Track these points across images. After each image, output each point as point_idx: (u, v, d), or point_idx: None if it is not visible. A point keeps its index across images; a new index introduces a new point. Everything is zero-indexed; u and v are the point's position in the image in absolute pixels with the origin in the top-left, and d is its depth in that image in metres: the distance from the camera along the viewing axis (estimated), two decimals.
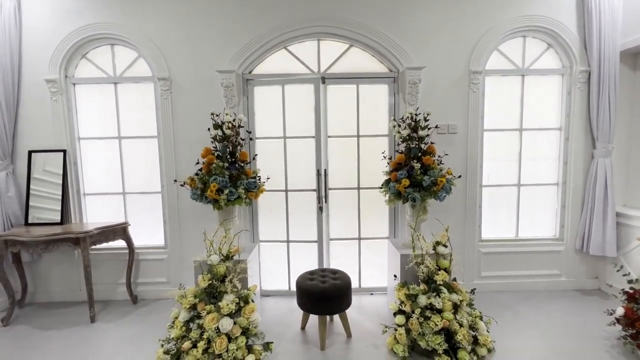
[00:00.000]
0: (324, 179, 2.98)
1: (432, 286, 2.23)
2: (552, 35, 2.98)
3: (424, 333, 2.09)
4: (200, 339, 2.00)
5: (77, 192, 3.07)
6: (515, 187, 3.16)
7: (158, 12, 2.92)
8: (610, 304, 2.78)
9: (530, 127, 3.11)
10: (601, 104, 2.87)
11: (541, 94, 3.09)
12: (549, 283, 3.13)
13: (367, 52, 2.99)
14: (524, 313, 2.74)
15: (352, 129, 3.04)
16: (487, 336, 2.14)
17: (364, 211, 3.13)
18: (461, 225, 3.08)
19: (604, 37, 2.82)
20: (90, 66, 3.04)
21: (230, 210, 2.51)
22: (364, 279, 3.20)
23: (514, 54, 3.05)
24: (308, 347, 2.32)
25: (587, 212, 3.01)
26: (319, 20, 2.90)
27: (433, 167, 2.46)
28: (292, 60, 3.02)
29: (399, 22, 2.93)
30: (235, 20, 2.92)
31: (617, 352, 2.18)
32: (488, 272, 3.14)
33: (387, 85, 3.02)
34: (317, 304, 2.29)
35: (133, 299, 3.06)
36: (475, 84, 2.97)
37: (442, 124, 2.98)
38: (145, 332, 2.55)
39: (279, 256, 3.13)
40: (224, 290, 2.19)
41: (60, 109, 2.96)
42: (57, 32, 2.91)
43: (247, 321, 2.12)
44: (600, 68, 2.86)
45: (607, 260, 2.99)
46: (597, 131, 2.93)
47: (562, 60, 3.04)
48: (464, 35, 2.95)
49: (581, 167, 3.06)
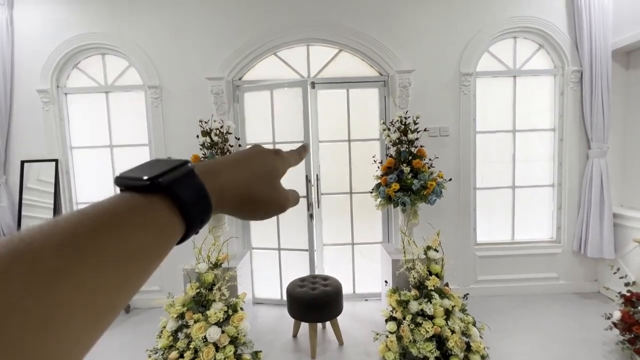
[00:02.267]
0: (315, 184, 2.96)
1: (424, 292, 2.19)
2: (542, 36, 2.96)
3: (415, 340, 2.05)
4: (187, 348, 1.98)
5: (70, 201, 3.07)
6: (509, 189, 3.13)
7: (148, 21, 2.93)
8: (609, 308, 2.72)
9: (523, 128, 3.08)
10: (594, 103, 2.84)
11: (533, 95, 3.07)
12: (546, 286, 3.07)
13: (357, 56, 2.99)
14: (520, 317, 2.69)
15: (344, 134, 3.03)
16: (480, 342, 2.09)
17: (357, 216, 3.10)
18: (455, 229, 3.05)
19: (595, 37, 2.80)
20: (81, 76, 3.06)
21: (219, 217, 2.49)
22: (359, 284, 3.16)
23: (505, 55, 3.03)
24: (299, 355, 2.29)
25: (583, 213, 2.97)
26: (308, 25, 2.91)
27: (423, 171, 2.44)
28: (282, 65, 3.02)
29: (388, 26, 2.93)
30: (224, 27, 2.93)
31: (615, 357, 2.13)
32: (484, 276, 3.09)
33: (377, 89, 3.01)
34: (307, 311, 2.26)
35: (126, 308, 3.04)
36: (466, 86, 2.95)
37: (434, 126, 2.96)
38: (136, 342, 2.52)
39: (271, 263, 3.10)
40: (212, 299, 2.17)
41: (52, 118, 2.98)
42: (48, 43, 2.94)
43: (235, 330, 2.09)
44: (592, 67, 2.83)
45: (606, 262, 2.94)
46: (592, 131, 2.90)
47: (554, 61, 3.02)
48: (454, 38, 2.94)
49: (576, 167, 3.02)
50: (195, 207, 0.26)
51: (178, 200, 0.25)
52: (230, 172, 0.31)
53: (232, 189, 0.31)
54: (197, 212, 0.26)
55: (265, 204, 0.34)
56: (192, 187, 0.27)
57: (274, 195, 0.34)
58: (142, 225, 0.22)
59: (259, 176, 0.33)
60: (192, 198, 0.26)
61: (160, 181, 0.25)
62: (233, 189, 0.31)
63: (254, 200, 0.33)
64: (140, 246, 0.22)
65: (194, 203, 0.26)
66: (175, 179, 0.25)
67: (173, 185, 0.25)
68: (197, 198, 0.26)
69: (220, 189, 0.29)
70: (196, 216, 0.26)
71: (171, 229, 0.25)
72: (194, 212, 0.26)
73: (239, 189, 0.31)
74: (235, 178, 0.31)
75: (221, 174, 0.30)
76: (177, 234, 0.26)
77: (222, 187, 0.30)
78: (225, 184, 0.30)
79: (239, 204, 0.32)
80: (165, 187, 0.25)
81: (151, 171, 0.25)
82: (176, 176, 0.26)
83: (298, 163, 0.42)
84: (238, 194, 0.31)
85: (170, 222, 0.25)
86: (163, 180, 0.25)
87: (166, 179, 0.25)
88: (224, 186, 0.30)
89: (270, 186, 0.34)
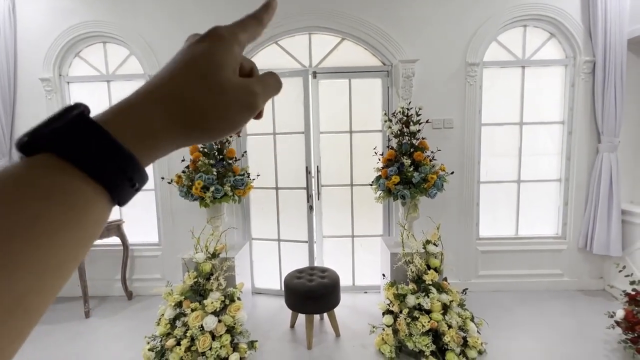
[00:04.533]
0: (315, 176, 2.93)
1: (422, 286, 2.17)
2: (554, 24, 2.83)
3: (412, 334, 2.04)
4: (184, 336, 2.00)
5: None
6: (515, 183, 3.05)
7: (148, 9, 2.90)
8: (614, 306, 2.66)
9: (531, 121, 2.98)
10: (606, 95, 2.73)
11: (542, 86, 2.96)
12: (550, 283, 3.02)
13: (360, 45, 2.92)
14: (521, 314, 2.65)
15: (345, 125, 2.98)
16: (477, 337, 2.07)
17: (357, 208, 3.07)
18: (457, 223, 3.00)
19: (610, 25, 2.67)
20: (83, 64, 3.06)
21: (218, 208, 2.49)
22: (358, 277, 3.15)
23: (514, 45, 2.92)
24: (295, 345, 2.30)
25: (591, 209, 2.88)
26: (309, 13, 2.84)
27: (424, 164, 2.39)
28: (283, 54, 2.97)
29: (392, 14, 2.84)
30: (224, 15, 2.87)
31: (617, 356, 2.09)
32: (486, 271, 3.05)
33: (380, 79, 2.94)
34: (304, 303, 2.26)
35: (128, 294, 3.10)
36: (472, 77, 2.86)
37: (438, 118, 2.88)
38: (137, 328, 2.57)
39: (271, 254, 3.11)
40: (210, 288, 2.18)
41: (55, 107, 2.99)
42: (50, 31, 2.94)
43: (232, 319, 2.11)
44: (606, 57, 2.71)
45: (612, 259, 2.86)
46: (602, 124, 2.79)
47: (565, 51, 2.89)
48: (461, 26, 2.83)
49: (585, 162, 2.92)
50: (101, 161, 0.20)
51: (67, 155, 0.19)
52: (149, 98, 0.24)
53: (160, 114, 0.23)
54: (109, 166, 0.20)
55: (216, 112, 0.25)
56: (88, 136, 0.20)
57: (222, 97, 0.25)
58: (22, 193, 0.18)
59: (190, 81, 0.24)
60: (92, 150, 0.20)
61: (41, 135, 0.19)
62: (161, 114, 0.23)
63: (199, 114, 0.24)
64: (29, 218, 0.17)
65: (96, 156, 0.20)
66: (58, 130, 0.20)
67: (57, 138, 0.20)
68: (99, 148, 0.20)
69: (144, 123, 0.23)
70: (110, 172, 0.21)
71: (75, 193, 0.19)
72: (101, 167, 0.20)
73: (168, 110, 0.23)
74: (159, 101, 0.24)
75: (137, 106, 0.23)
76: (90, 198, 0.20)
77: (144, 119, 0.23)
78: (148, 114, 0.23)
79: (183, 128, 0.24)
80: (46, 143, 0.19)
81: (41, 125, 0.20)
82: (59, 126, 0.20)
83: (258, 32, 0.31)
84: (171, 117, 0.24)
85: (70, 184, 0.19)
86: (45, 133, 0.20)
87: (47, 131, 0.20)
88: (146, 117, 0.23)
89: (213, 85, 0.25)
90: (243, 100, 0.26)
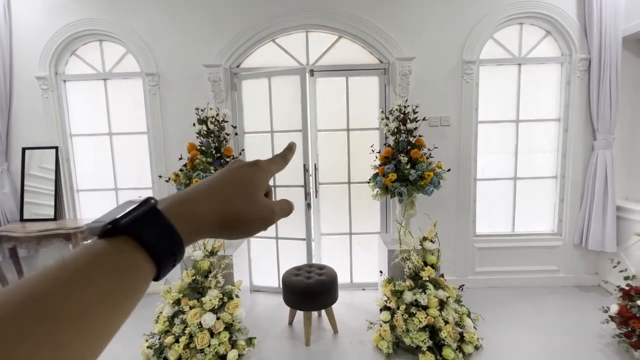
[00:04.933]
0: (313, 174, 2.94)
1: (419, 282, 2.19)
2: (550, 22, 2.85)
3: (409, 330, 2.06)
4: (183, 334, 2.01)
5: (71, 189, 3.10)
6: (511, 180, 3.07)
7: (145, 7, 2.89)
8: (608, 301, 2.69)
9: (527, 118, 3.00)
10: (602, 92, 2.75)
11: (539, 84, 2.98)
12: (546, 279, 3.05)
13: (357, 43, 2.92)
14: (517, 309, 2.67)
15: (342, 123, 2.99)
16: (473, 333, 2.10)
17: (355, 206, 3.09)
18: (454, 220, 3.02)
19: (605, 22, 2.69)
20: (79, 63, 3.05)
21: None
22: (356, 274, 3.17)
23: (510, 42, 2.93)
24: (293, 342, 2.32)
25: (586, 206, 2.91)
26: (306, 11, 2.84)
27: (421, 161, 2.40)
28: (281, 52, 2.97)
29: (389, 12, 2.84)
30: (222, 14, 2.88)
31: (611, 350, 2.12)
32: (483, 267, 3.07)
33: (377, 77, 2.95)
34: (301, 300, 2.28)
35: None
36: (468, 74, 2.87)
37: (435, 116, 2.90)
38: (135, 326, 2.56)
39: (269, 252, 3.12)
40: (208, 286, 2.19)
41: (51, 106, 2.98)
42: (46, 29, 2.92)
43: (230, 317, 2.12)
44: (601, 55, 2.72)
45: (607, 255, 2.89)
46: (598, 122, 2.81)
47: (561, 48, 2.91)
48: (457, 24, 2.84)
49: (581, 159, 2.94)
50: (161, 244, 0.26)
51: (140, 239, 0.25)
52: (204, 198, 0.31)
53: (209, 214, 0.30)
54: (165, 249, 0.26)
55: (247, 222, 0.33)
56: (155, 223, 0.26)
57: (254, 211, 0.33)
58: (101, 271, 0.22)
59: (235, 195, 0.32)
60: (156, 235, 0.26)
61: (122, 223, 0.25)
62: (210, 214, 0.30)
63: (235, 220, 0.32)
64: (101, 294, 0.22)
65: (159, 240, 0.26)
66: (136, 219, 0.26)
67: (133, 225, 0.25)
68: (162, 234, 0.26)
69: (196, 217, 0.29)
70: (164, 253, 0.26)
71: (137, 269, 0.25)
72: (160, 249, 0.26)
73: (216, 212, 0.30)
74: (210, 202, 0.31)
75: (194, 202, 0.30)
76: (145, 274, 0.25)
77: (197, 214, 0.29)
78: (201, 211, 0.30)
79: (220, 227, 0.31)
80: (125, 228, 0.25)
81: (117, 213, 0.26)
82: (136, 215, 0.26)
83: (283, 167, 0.40)
84: (216, 218, 0.30)
85: (135, 262, 0.25)
86: (125, 221, 0.25)
87: (127, 220, 0.25)
88: (199, 213, 0.29)
89: (250, 202, 0.33)
90: (266, 216, 0.34)
